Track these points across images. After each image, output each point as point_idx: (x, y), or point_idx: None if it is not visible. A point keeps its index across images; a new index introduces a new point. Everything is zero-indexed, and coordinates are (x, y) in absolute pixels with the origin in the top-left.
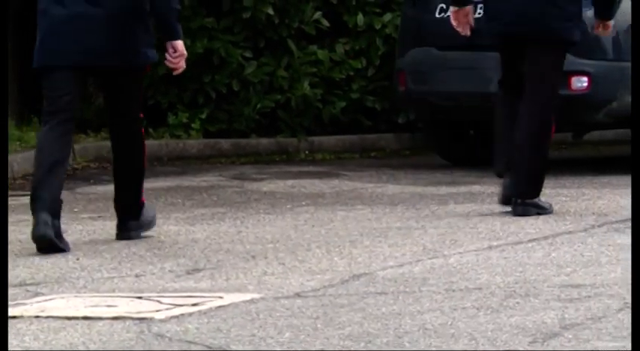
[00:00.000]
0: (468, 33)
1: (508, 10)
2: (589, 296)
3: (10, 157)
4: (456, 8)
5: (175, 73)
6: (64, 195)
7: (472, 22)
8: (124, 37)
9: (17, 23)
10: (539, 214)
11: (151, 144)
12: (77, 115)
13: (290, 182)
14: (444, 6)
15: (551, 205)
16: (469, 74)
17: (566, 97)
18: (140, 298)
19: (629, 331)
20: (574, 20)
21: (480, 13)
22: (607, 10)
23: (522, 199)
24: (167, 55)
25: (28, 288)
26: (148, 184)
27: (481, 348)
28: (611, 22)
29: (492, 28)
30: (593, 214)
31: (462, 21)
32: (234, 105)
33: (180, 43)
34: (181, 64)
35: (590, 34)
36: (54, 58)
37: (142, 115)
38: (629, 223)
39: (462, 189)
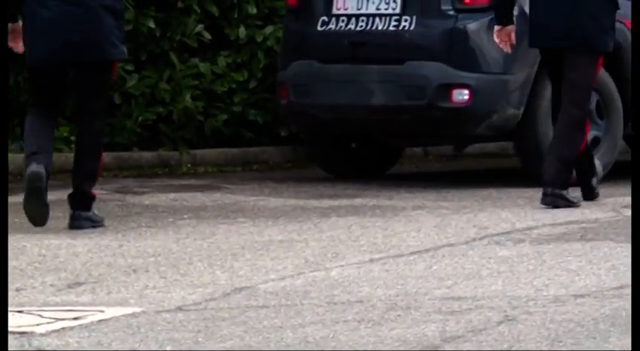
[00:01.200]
0: (510, 50)
1: (553, 26)
2: (470, 309)
3: None
4: (500, 27)
5: None
6: None
7: (514, 40)
8: (104, 32)
9: None
10: (567, 206)
11: None
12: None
13: (172, 195)
14: (325, 19)
15: (579, 200)
16: (350, 87)
17: (447, 109)
18: (21, 312)
19: (510, 343)
20: (609, 32)
21: (361, 26)
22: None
23: (552, 189)
24: None
25: None
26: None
27: None
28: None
29: (539, 43)
30: (474, 226)
31: (504, 39)
32: (116, 118)
33: None
34: None
35: (470, 46)
36: (44, 54)
37: None
38: (510, 236)
39: (344, 202)
